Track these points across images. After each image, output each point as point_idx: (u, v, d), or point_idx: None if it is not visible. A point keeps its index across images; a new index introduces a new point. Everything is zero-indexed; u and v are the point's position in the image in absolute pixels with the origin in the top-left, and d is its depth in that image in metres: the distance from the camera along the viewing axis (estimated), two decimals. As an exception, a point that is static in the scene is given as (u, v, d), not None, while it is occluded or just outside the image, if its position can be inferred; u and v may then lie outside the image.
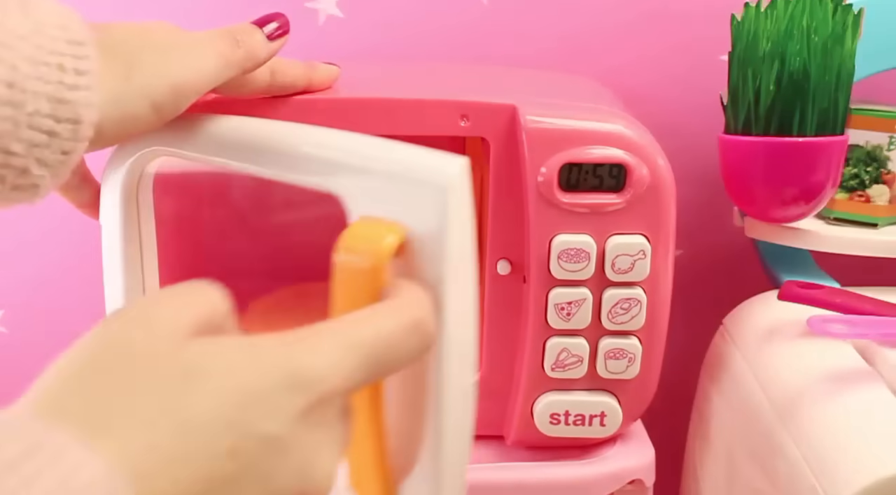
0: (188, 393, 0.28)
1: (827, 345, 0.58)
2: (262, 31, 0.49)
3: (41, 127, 0.39)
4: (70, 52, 0.40)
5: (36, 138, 0.39)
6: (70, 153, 0.40)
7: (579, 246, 0.54)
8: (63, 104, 0.39)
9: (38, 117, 0.39)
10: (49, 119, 0.39)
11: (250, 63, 0.48)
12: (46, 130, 0.39)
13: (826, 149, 0.62)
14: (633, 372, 0.56)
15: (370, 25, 0.77)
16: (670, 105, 0.78)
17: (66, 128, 0.40)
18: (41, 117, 0.39)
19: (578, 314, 0.55)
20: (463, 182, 0.37)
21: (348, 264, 0.36)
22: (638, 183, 0.53)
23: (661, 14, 0.77)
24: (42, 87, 0.39)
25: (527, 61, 0.78)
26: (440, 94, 0.55)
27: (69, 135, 0.40)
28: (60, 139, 0.40)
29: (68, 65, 0.39)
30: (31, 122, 0.39)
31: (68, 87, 0.39)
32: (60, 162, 0.40)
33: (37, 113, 0.39)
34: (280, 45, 0.50)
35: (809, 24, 0.60)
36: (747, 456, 0.59)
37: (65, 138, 0.40)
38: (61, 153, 0.40)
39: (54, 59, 0.39)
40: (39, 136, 0.39)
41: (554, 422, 0.57)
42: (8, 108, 0.38)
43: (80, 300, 0.83)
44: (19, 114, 0.38)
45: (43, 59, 0.39)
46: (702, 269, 0.84)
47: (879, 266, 0.72)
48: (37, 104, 0.39)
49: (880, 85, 0.71)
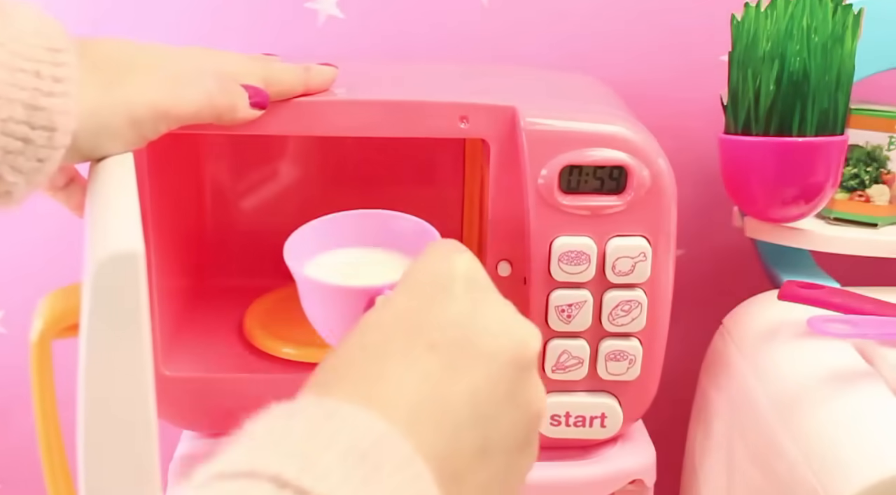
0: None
1: (827, 345, 0.58)
2: (246, 96, 0.49)
3: (15, 133, 0.39)
4: (48, 59, 0.40)
5: (10, 145, 0.39)
6: (45, 161, 0.40)
7: (580, 248, 0.54)
8: (38, 111, 0.39)
9: (11, 123, 0.39)
10: (24, 125, 0.39)
11: (228, 116, 0.48)
12: (21, 137, 0.39)
13: (826, 149, 0.62)
14: (633, 373, 0.57)
15: (370, 26, 0.77)
16: (670, 105, 0.78)
17: (41, 135, 0.39)
18: (15, 123, 0.39)
19: (579, 316, 0.55)
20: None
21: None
22: (639, 185, 0.53)
23: (662, 14, 0.77)
24: (17, 93, 0.38)
25: (527, 61, 0.78)
26: (440, 95, 0.55)
27: (44, 142, 0.40)
28: (35, 146, 0.39)
29: (45, 72, 0.39)
30: (5, 128, 0.38)
31: (44, 93, 0.39)
32: (35, 169, 0.40)
33: (11, 119, 0.38)
34: (256, 115, 0.50)
35: (809, 24, 0.60)
36: (747, 455, 0.59)
37: (39, 145, 0.40)
38: (36, 160, 0.40)
39: (31, 65, 0.39)
40: (13, 143, 0.39)
41: (555, 424, 0.58)
42: None
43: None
44: None
45: (19, 66, 0.39)
46: (702, 269, 0.84)
47: (879, 266, 0.72)
48: (11, 110, 0.38)
49: (880, 85, 0.71)
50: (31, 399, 0.38)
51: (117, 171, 0.42)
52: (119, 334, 0.32)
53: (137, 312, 0.32)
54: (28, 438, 0.90)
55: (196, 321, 0.65)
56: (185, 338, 0.62)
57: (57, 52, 0.40)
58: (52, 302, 0.37)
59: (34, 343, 0.37)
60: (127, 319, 0.32)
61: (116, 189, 0.40)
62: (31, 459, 0.91)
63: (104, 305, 0.32)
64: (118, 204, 0.38)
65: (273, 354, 0.61)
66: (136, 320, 0.33)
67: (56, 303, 0.37)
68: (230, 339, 0.64)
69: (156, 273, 0.57)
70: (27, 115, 0.39)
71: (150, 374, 0.33)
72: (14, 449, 0.89)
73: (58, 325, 0.37)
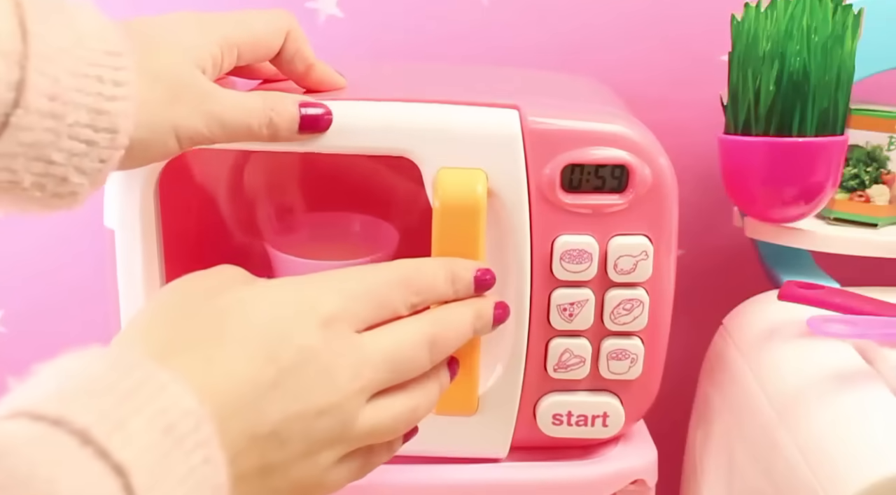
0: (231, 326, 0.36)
1: (827, 345, 0.58)
2: (297, 116, 0.49)
3: (80, 137, 0.40)
4: (108, 64, 0.41)
5: (75, 148, 0.40)
6: (107, 161, 0.41)
7: (581, 247, 0.54)
8: (102, 114, 0.40)
9: (77, 127, 0.40)
10: (88, 129, 0.40)
11: (269, 139, 0.49)
12: (85, 140, 0.40)
13: (826, 149, 0.62)
14: (635, 372, 0.57)
15: (370, 25, 0.77)
16: (670, 105, 0.78)
17: (104, 137, 0.41)
18: (80, 127, 0.40)
19: (581, 315, 0.55)
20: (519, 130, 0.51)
21: (450, 208, 0.48)
22: (640, 184, 0.53)
23: (662, 14, 0.77)
24: (83, 98, 0.40)
25: (527, 61, 0.78)
26: (441, 95, 0.55)
27: (107, 144, 0.41)
28: (98, 148, 0.41)
29: (107, 76, 0.40)
30: (71, 132, 0.40)
31: (107, 98, 0.40)
32: (98, 170, 0.41)
33: (77, 123, 0.40)
34: (299, 138, 0.50)
35: (809, 24, 0.60)
36: (747, 455, 0.59)
37: (102, 147, 0.41)
38: (99, 161, 0.41)
39: (94, 70, 0.40)
40: (79, 146, 0.40)
41: (556, 423, 0.58)
42: (50, 120, 0.39)
43: (80, 300, 0.83)
44: (60, 125, 0.39)
45: (83, 71, 0.40)
46: (701, 269, 0.84)
47: (879, 266, 0.72)
48: (77, 115, 0.40)
49: (880, 85, 0.71)
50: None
51: None
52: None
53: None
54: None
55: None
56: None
57: (117, 56, 0.41)
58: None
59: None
60: None
61: None
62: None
63: None
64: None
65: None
66: None
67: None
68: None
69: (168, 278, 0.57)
70: (91, 119, 0.40)
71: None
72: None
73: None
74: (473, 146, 0.52)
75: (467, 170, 0.51)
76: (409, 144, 0.52)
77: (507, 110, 0.53)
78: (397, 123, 0.52)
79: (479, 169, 0.51)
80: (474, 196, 0.49)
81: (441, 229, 0.49)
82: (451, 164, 0.51)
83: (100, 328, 0.62)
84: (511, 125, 0.52)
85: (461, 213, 0.49)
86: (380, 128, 0.52)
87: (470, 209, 0.49)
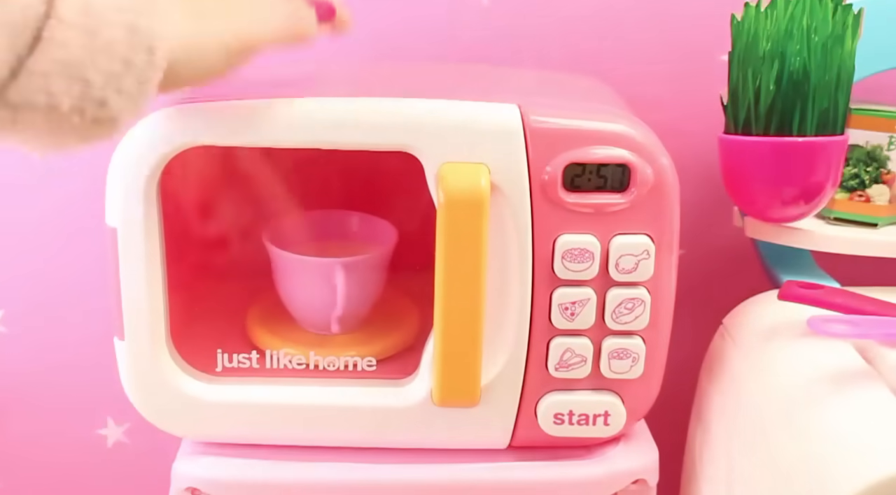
0: None
1: (827, 345, 0.58)
2: (313, 15, 0.53)
3: (117, 55, 0.40)
4: None
5: (113, 67, 0.40)
6: (146, 83, 0.41)
7: (583, 246, 0.54)
8: (138, 32, 0.40)
9: (113, 45, 0.39)
10: (125, 46, 0.40)
11: (296, 39, 0.51)
12: (122, 58, 0.40)
13: (826, 149, 0.62)
14: (636, 371, 0.57)
15: (370, 26, 0.77)
16: (670, 105, 0.79)
17: (142, 57, 0.40)
18: (116, 45, 0.39)
19: (582, 314, 0.55)
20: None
21: (454, 201, 0.50)
22: (642, 183, 0.53)
23: (662, 14, 0.77)
24: (116, 15, 0.39)
25: (527, 61, 0.78)
26: (442, 95, 0.55)
27: (144, 64, 0.40)
28: (137, 68, 0.40)
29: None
30: (109, 49, 0.39)
31: (142, 14, 0.40)
32: (138, 92, 0.41)
33: (113, 41, 0.39)
34: (324, 31, 0.54)
35: (809, 24, 0.60)
36: (747, 455, 0.59)
37: (141, 67, 0.40)
38: (138, 82, 0.41)
39: None
40: (116, 65, 0.40)
41: (558, 422, 0.58)
42: (84, 35, 0.38)
43: (80, 300, 0.83)
44: (95, 42, 0.39)
45: None
46: (702, 269, 0.84)
47: (879, 266, 0.72)
48: (111, 32, 0.39)
49: (880, 85, 0.71)
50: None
51: None
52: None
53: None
54: (28, 438, 0.90)
55: (197, 320, 0.65)
56: (186, 338, 0.61)
57: None
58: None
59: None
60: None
61: None
62: (31, 459, 0.91)
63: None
64: None
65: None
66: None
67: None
68: (232, 339, 0.64)
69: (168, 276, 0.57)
70: (128, 37, 0.40)
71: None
72: (14, 449, 0.89)
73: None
74: (475, 141, 0.52)
75: (470, 165, 0.52)
76: (411, 140, 0.53)
77: (508, 106, 0.53)
78: (399, 119, 0.53)
79: (482, 163, 0.52)
80: (478, 189, 0.50)
81: (446, 222, 0.50)
82: (453, 160, 0.52)
83: (100, 327, 0.62)
84: (512, 120, 0.53)
85: (466, 206, 0.50)
86: (382, 124, 0.53)
87: (474, 202, 0.50)
